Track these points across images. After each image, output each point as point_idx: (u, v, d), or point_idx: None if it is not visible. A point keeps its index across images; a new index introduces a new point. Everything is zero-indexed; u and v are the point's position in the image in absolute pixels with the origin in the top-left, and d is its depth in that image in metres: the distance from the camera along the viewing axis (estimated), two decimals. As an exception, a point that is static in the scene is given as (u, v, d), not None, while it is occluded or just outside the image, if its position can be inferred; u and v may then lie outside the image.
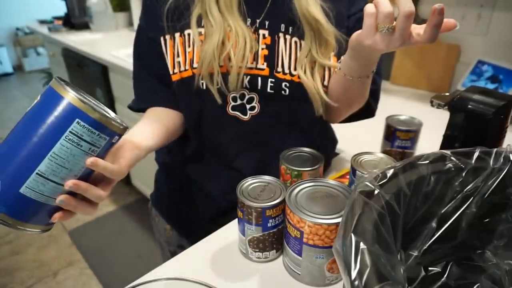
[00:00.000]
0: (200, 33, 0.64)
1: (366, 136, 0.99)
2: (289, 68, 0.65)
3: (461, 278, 0.43)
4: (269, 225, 0.54)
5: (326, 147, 0.82)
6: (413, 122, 0.80)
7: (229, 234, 0.64)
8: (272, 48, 0.65)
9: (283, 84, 0.65)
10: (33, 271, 1.86)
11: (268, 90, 0.66)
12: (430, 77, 1.40)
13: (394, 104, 1.33)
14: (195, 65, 0.65)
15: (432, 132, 0.76)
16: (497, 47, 1.26)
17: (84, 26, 2.56)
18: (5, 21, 4.78)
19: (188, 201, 0.79)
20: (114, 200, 2.39)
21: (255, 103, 0.67)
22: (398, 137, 0.79)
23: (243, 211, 0.54)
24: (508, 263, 0.42)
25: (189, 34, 0.65)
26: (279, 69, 0.65)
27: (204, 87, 0.65)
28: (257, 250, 0.56)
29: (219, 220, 0.68)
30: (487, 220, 0.42)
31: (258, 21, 0.65)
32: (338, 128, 1.10)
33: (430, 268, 0.43)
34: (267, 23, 0.65)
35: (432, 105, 0.65)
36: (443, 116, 0.66)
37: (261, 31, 0.65)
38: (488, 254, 0.43)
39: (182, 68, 0.66)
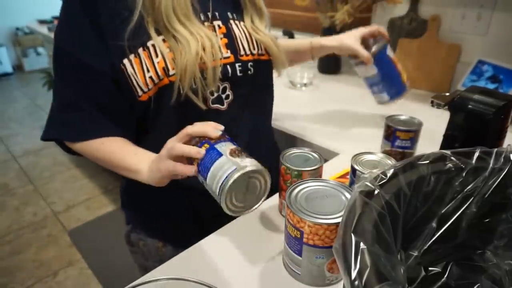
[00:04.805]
0: (163, 40, 0.63)
1: (366, 136, 0.99)
2: (249, 48, 0.72)
3: (461, 278, 0.43)
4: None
5: None
6: (413, 122, 0.80)
7: (229, 234, 0.64)
8: (229, 35, 0.70)
9: (249, 64, 0.72)
10: (33, 271, 1.86)
11: (238, 74, 0.71)
12: (430, 77, 1.40)
13: (394, 104, 1.33)
14: (171, 72, 0.63)
15: (432, 132, 0.76)
16: (497, 47, 1.26)
17: (84, 26, 2.56)
18: (5, 21, 4.78)
19: (180, 211, 0.77)
20: (114, 200, 2.39)
21: (229, 91, 0.71)
22: (398, 137, 0.79)
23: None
24: (508, 263, 0.42)
25: (153, 45, 0.63)
26: (242, 52, 0.71)
27: (184, 91, 0.64)
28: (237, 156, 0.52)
29: (218, 220, 0.66)
30: (487, 220, 0.42)
31: (209, 14, 0.69)
32: (338, 128, 1.10)
33: (430, 268, 0.43)
34: (217, 14, 0.70)
35: (432, 105, 0.65)
36: (443, 116, 0.66)
37: (215, 22, 0.69)
38: (488, 254, 0.43)
39: (157, 81, 0.64)
